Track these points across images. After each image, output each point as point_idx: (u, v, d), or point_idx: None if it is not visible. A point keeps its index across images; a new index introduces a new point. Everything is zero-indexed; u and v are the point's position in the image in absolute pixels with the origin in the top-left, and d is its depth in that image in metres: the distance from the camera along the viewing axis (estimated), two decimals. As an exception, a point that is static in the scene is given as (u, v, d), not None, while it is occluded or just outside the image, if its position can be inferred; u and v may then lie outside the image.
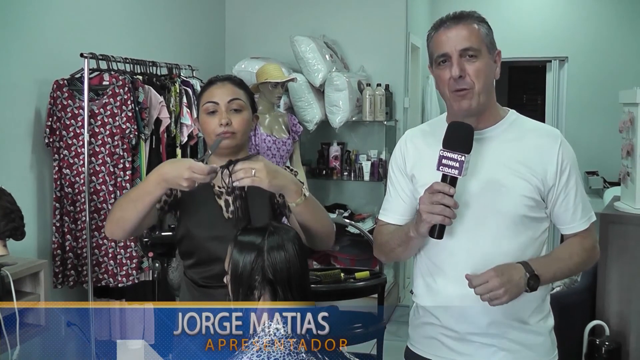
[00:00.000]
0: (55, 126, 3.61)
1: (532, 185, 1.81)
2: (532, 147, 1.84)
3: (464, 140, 1.71)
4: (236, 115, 2.09)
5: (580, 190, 1.87)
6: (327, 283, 3.02)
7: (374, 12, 5.44)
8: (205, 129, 2.12)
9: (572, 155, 1.87)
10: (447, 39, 1.80)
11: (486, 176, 1.82)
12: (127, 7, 4.48)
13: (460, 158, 1.68)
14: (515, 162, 1.82)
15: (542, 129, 1.92)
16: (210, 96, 2.11)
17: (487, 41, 1.83)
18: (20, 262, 3.01)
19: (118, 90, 3.64)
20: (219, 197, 2.15)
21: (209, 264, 2.09)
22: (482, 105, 1.82)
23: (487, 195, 1.81)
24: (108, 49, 3.85)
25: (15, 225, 2.80)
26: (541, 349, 1.92)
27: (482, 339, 1.87)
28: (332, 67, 5.03)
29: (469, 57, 1.78)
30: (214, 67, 5.60)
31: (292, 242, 1.81)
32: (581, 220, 1.88)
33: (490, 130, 1.87)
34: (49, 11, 3.72)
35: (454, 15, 1.84)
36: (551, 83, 7.77)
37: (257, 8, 5.80)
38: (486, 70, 1.81)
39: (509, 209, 1.80)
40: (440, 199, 1.68)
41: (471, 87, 1.79)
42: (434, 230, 1.73)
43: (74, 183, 3.65)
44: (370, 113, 5.17)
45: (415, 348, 2.01)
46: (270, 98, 4.28)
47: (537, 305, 1.90)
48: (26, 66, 3.57)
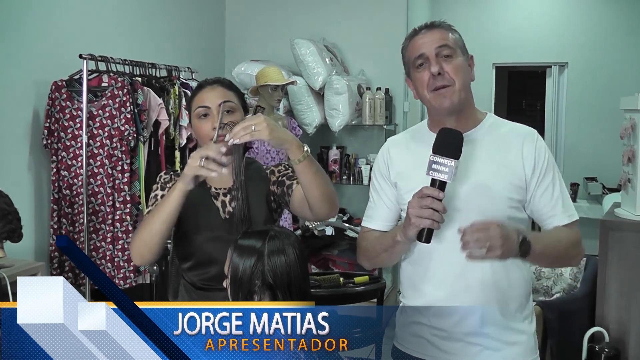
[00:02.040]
0: (54, 127, 3.60)
1: (514, 185, 1.85)
2: (510, 147, 1.88)
3: (454, 146, 1.74)
4: (228, 117, 2.08)
5: (559, 187, 1.90)
6: (326, 287, 3.01)
7: (374, 15, 5.44)
8: (198, 133, 2.11)
9: (548, 152, 1.91)
10: (423, 42, 1.87)
11: (472, 179, 1.85)
12: (126, 9, 4.47)
13: (450, 163, 1.71)
14: (497, 164, 1.86)
15: (518, 129, 1.95)
16: (200, 100, 2.10)
17: (461, 44, 1.91)
18: (17, 264, 2.99)
19: (117, 92, 3.63)
20: (216, 198, 2.15)
21: (208, 266, 2.08)
22: (462, 102, 1.87)
23: (474, 199, 1.84)
24: (107, 50, 3.84)
25: (13, 227, 2.80)
26: (525, 347, 1.94)
27: (468, 338, 1.89)
28: (332, 70, 5.02)
29: (445, 57, 1.85)
30: (214, 69, 5.59)
31: (292, 247, 1.79)
32: (562, 215, 1.89)
33: (471, 134, 1.90)
34: (48, 12, 3.71)
35: (425, 25, 1.92)
36: (551, 88, 7.78)
37: (257, 11, 5.80)
38: (463, 68, 1.87)
39: (496, 212, 1.82)
40: (429, 203, 1.70)
41: (451, 84, 1.84)
42: (422, 234, 1.75)
43: (72, 185, 3.64)
44: (369, 117, 5.16)
45: (403, 347, 2.04)
46: (270, 101, 4.27)
47: (521, 303, 1.93)
48: (25, 67, 3.56)
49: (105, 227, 3.64)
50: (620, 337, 3.37)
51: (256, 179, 2.17)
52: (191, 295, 2.16)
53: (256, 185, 2.15)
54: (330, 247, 5.33)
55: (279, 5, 5.74)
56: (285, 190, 2.11)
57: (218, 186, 2.15)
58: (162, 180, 2.17)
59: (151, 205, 2.12)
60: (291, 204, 2.11)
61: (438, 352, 1.93)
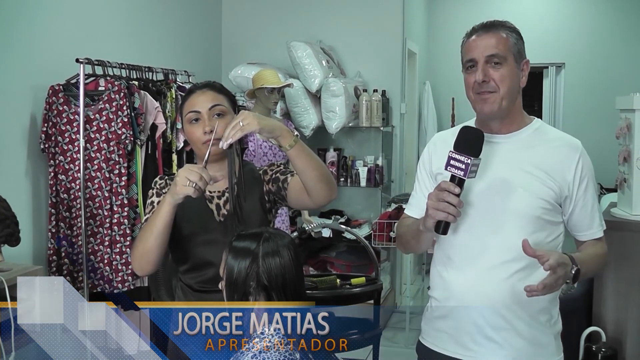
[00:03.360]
0: (51, 132, 3.60)
1: (549, 189, 1.90)
2: (552, 154, 1.94)
3: (471, 144, 1.81)
4: (219, 121, 2.11)
5: (596, 201, 1.98)
6: (322, 289, 3.02)
7: (370, 18, 5.45)
8: (191, 138, 2.15)
9: (591, 166, 1.97)
10: (476, 46, 1.92)
11: (505, 177, 1.91)
12: (123, 13, 4.48)
13: (467, 160, 1.77)
14: (534, 167, 1.91)
15: (564, 138, 2.01)
16: (191, 105, 2.13)
17: (515, 50, 1.93)
18: (15, 268, 3.00)
19: (114, 95, 3.63)
20: (210, 201, 2.17)
21: (204, 268, 2.09)
22: (504, 109, 1.92)
23: (503, 195, 1.90)
24: (104, 54, 3.84)
25: (10, 231, 2.79)
26: (547, 349, 1.97)
27: (488, 332, 1.93)
28: (329, 72, 5.03)
29: (494, 64, 1.89)
30: (211, 72, 5.60)
31: (287, 248, 1.81)
32: (597, 229, 1.99)
33: (512, 135, 1.97)
34: (44, 16, 3.71)
35: (485, 24, 1.96)
36: (548, 89, 7.78)
37: (253, 13, 5.81)
38: (510, 76, 1.91)
39: (525, 209, 1.89)
40: (445, 196, 1.78)
41: (495, 91, 1.89)
42: (439, 226, 1.82)
43: (69, 189, 3.64)
44: (366, 119, 5.17)
45: (426, 341, 2.08)
46: (267, 104, 4.27)
47: (546, 305, 1.96)
48: (22, 72, 3.56)
49: (103, 230, 3.64)
50: (617, 337, 3.37)
51: (250, 180, 2.19)
52: (188, 297, 2.17)
53: (250, 187, 2.17)
54: (328, 249, 5.35)
55: (275, 8, 5.75)
56: (280, 185, 2.15)
57: (212, 189, 2.17)
58: (158, 186, 2.19)
59: (148, 212, 2.14)
60: (288, 197, 2.15)
61: (458, 348, 1.98)
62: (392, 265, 5.46)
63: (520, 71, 1.95)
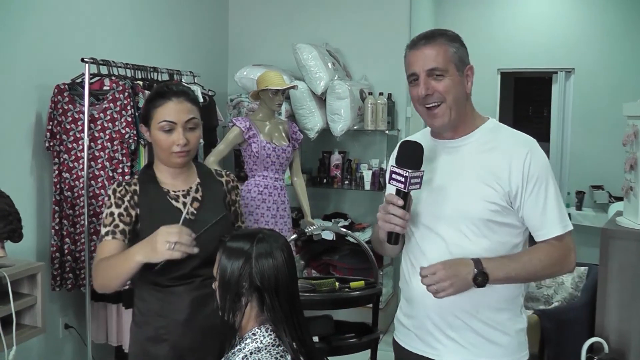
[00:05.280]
0: (56, 130, 3.62)
1: (496, 191, 1.92)
2: (500, 155, 1.95)
3: (410, 157, 1.88)
4: (191, 134, 2.17)
5: (551, 199, 1.95)
6: (321, 292, 3.01)
7: (377, 20, 5.43)
8: (161, 145, 2.17)
9: (543, 163, 1.96)
10: (416, 60, 1.95)
11: (452, 182, 1.96)
12: (129, 13, 4.49)
13: (405, 174, 1.84)
14: (482, 169, 1.94)
15: (514, 138, 2.01)
16: (166, 114, 2.14)
17: (455, 59, 1.94)
18: (18, 264, 3.01)
19: (118, 95, 3.65)
20: (176, 200, 2.21)
21: (175, 266, 2.08)
22: (454, 120, 1.96)
23: (451, 201, 1.95)
24: (109, 54, 3.87)
25: (13, 227, 2.81)
26: (507, 347, 2.01)
27: (447, 331, 1.99)
28: (334, 75, 5.01)
29: (436, 77, 1.93)
30: (216, 73, 5.62)
31: (280, 250, 1.81)
32: (551, 228, 1.95)
33: (462, 140, 2.01)
34: (50, 16, 3.73)
35: (425, 34, 1.97)
36: (557, 95, 7.71)
37: (260, 15, 5.81)
38: (454, 86, 1.94)
39: (473, 213, 1.93)
40: (390, 209, 1.86)
41: (442, 101, 1.94)
42: (390, 237, 1.91)
43: (73, 187, 3.66)
44: (372, 122, 5.15)
45: (398, 339, 2.18)
46: (271, 105, 4.27)
47: (506, 304, 2.00)
48: (28, 71, 3.58)
49: (105, 229, 3.65)
50: (620, 348, 3.31)
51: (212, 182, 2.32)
52: (154, 295, 2.18)
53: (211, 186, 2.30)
54: (331, 252, 5.33)
55: (282, 10, 5.75)
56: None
57: (176, 189, 2.24)
58: (118, 195, 2.20)
59: (108, 224, 2.15)
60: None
61: (421, 345, 2.06)
62: (394, 270, 5.44)
63: (465, 77, 1.97)
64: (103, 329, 3.98)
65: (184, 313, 2.17)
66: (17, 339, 2.83)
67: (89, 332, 3.79)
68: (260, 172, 4.26)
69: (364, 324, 3.13)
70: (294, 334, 1.78)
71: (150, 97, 2.23)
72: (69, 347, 4.01)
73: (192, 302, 2.16)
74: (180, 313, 2.17)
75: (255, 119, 4.31)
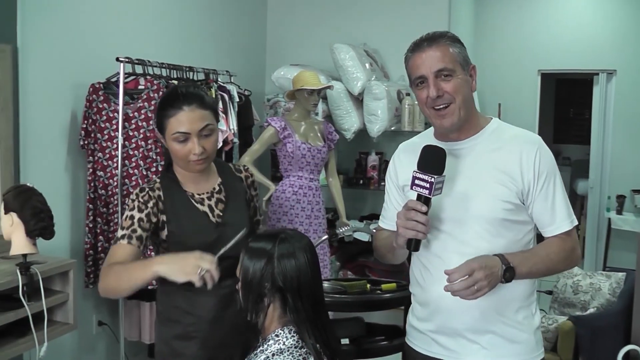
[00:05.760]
0: (90, 129, 3.65)
1: (510, 190, 1.92)
2: (510, 153, 1.95)
3: (434, 162, 1.85)
4: (207, 141, 2.13)
5: (559, 195, 1.97)
6: (352, 294, 2.97)
7: (415, 20, 5.37)
8: (176, 154, 2.14)
9: (550, 160, 1.98)
10: (422, 62, 1.93)
11: (465, 184, 1.95)
12: (165, 12, 4.52)
13: (430, 179, 1.82)
14: (493, 169, 1.94)
15: (521, 136, 2.02)
16: (179, 125, 2.08)
17: (460, 59, 1.95)
18: (51, 260, 3.04)
19: (152, 94, 3.66)
20: (201, 203, 2.19)
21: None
22: (462, 119, 1.95)
23: (466, 203, 1.94)
24: (145, 53, 3.89)
25: (45, 224, 2.84)
26: (525, 345, 2.00)
27: (468, 334, 1.97)
28: (372, 75, 4.98)
29: (444, 77, 1.92)
30: (254, 72, 5.62)
31: (303, 251, 1.78)
32: (560, 223, 1.97)
33: (469, 141, 2.01)
34: (86, 15, 3.77)
35: (427, 37, 1.96)
36: (598, 96, 7.56)
37: (298, 15, 5.80)
38: (463, 86, 1.94)
39: (488, 214, 1.92)
40: (413, 215, 1.83)
41: (452, 102, 1.92)
42: (410, 243, 1.88)
43: (107, 185, 3.69)
44: (409, 123, 5.09)
45: (411, 342, 2.15)
46: (306, 105, 4.26)
47: (522, 302, 2.01)
48: (64, 69, 3.62)
49: (139, 227, 3.67)
50: (657, 356, 3.25)
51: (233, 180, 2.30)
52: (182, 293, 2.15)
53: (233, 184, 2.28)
54: (367, 254, 5.29)
55: (320, 10, 5.73)
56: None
57: (200, 191, 2.21)
58: (141, 200, 2.15)
59: (126, 228, 2.11)
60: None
61: (439, 348, 2.03)
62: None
63: (470, 77, 1.98)
64: (136, 326, 4.00)
65: (212, 311, 2.16)
66: (49, 335, 2.86)
67: (122, 329, 3.81)
68: (295, 173, 4.25)
69: (395, 326, 3.09)
70: (317, 335, 1.75)
71: (161, 104, 2.18)
72: (102, 344, 4.05)
73: (220, 300, 2.15)
74: (208, 311, 2.16)
75: (290, 118, 4.30)
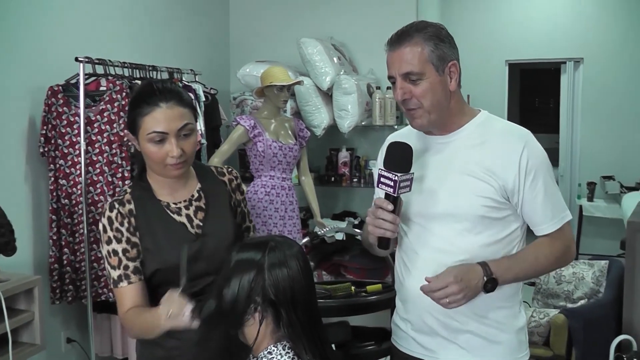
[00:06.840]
0: (51, 135, 3.48)
1: (490, 186, 1.86)
2: (495, 148, 1.89)
3: (399, 160, 1.82)
4: (186, 142, 1.93)
5: (549, 192, 1.90)
6: (337, 298, 2.85)
7: (383, 13, 5.29)
8: (152, 158, 1.92)
9: (540, 156, 1.91)
10: (392, 62, 1.89)
11: (444, 180, 1.91)
12: (126, 10, 4.34)
13: (394, 177, 1.79)
14: (474, 164, 1.88)
15: (509, 130, 1.96)
16: (156, 124, 1.87)
17: (433, 59, 1.86)
18: (14, 278, 2.88)
19: (115, 95, 3.51)
20: (178, 214, 2.00)
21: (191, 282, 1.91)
22: (433, 121, 1.90)
23: (443, 199, 1.90)
24: (106, 53, 3.72)
25: (5, 240, 2.71)
26: (506, 346, 1.96)
27: (444, 333, 1.95)
28: (340, 70, 4.86)
29: (412, 81, 1.85)
30: (218, 71, 5.50)
31: (295, 258, 1.62)
32: (551, 222, 1.92)
33: (452, 136, 1.95)
34: (42, 14, 3.58)
35: (399, 32, 1.90)
36: (566, 85, 7.64)
37: (262, 10, 5.67)
38: (432, 89, 1.86)
39: (466, 210, 1.87)
40: (380, 214, 1.82)
41: (419, 107, 1.87)
42: (380, 242, 1.87)
43: (71, 194, 3.52)
44: (380, 117, 4.99)
45: (395, 342, 2.14)
46: (276, 102, 4.14)
47: (503, 302, 1.95)
48: (20, 72, 3.44)
49: (106, 237, 3.50)
50: (649, 345, 3.22)
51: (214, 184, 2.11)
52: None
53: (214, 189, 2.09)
54: (342, 253, 5.20)
55: (284, 4, 5.61)
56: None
57: (177, 200, 2.02)
58: (116, 225, 1.96)
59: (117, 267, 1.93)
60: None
61: (419, 348, 2.01)
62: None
63: (447, 76, 1.88)
64: (107, 341, 3.86)
65: (197, 332, 1.98)
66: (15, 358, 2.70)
67: (93, 346, 3.65)
68: (267, 172, 4.12)
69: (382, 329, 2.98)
70: (314, 349, 1.60)
71: (134, 100, 1.95)
72: (72, 362, 3.87)
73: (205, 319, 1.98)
74: (193, 332, 1.98)
75: (260, 117, 4.17)
